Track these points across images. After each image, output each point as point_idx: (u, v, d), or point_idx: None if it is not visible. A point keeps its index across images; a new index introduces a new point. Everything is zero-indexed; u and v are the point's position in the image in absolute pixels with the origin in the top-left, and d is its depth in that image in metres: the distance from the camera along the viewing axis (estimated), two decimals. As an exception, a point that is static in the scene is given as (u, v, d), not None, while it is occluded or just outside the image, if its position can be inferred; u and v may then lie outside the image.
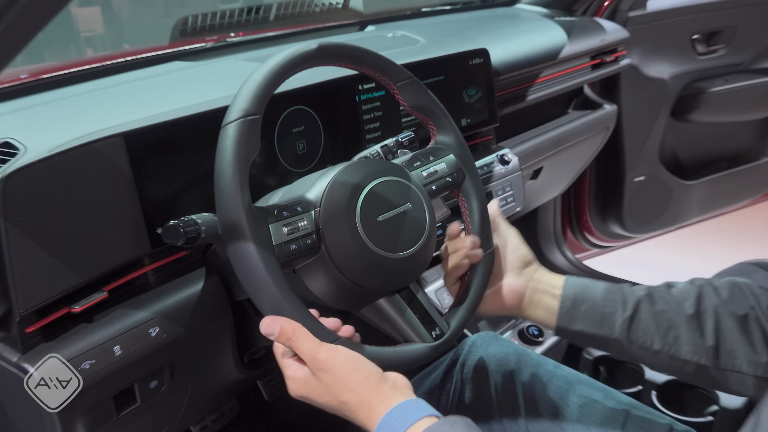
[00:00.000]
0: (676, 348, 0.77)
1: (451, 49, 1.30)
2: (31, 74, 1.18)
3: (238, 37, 1.43)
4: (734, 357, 0.75)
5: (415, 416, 0.64)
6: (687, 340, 0.76)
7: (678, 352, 0.77)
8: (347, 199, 0.76)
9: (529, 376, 0.94)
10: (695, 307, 0.77)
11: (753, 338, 0.74)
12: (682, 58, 2.13)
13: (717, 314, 0.76)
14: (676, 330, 0.77)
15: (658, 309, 0.78)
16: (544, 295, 0.85)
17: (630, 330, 0.79)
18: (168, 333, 0.83)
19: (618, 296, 0.81)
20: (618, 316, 0.79)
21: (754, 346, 0.74)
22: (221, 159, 0.70)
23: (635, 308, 0.79)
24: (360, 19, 1.64)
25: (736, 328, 0.75)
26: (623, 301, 0.80)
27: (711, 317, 0.76)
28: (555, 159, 1.67)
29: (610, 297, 0.81)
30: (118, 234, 0.80)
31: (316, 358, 0.68)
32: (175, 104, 0.93)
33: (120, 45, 7.15)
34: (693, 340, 0.76)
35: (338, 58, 0.83)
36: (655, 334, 0.78)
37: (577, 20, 1.77)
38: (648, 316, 0.78)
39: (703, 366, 0.76)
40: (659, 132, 2.19)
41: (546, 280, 0.86)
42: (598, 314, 0.80)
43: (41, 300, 0.73)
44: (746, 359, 0.74)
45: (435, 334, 0.81)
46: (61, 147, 0.78)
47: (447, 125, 0.92)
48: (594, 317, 0.81)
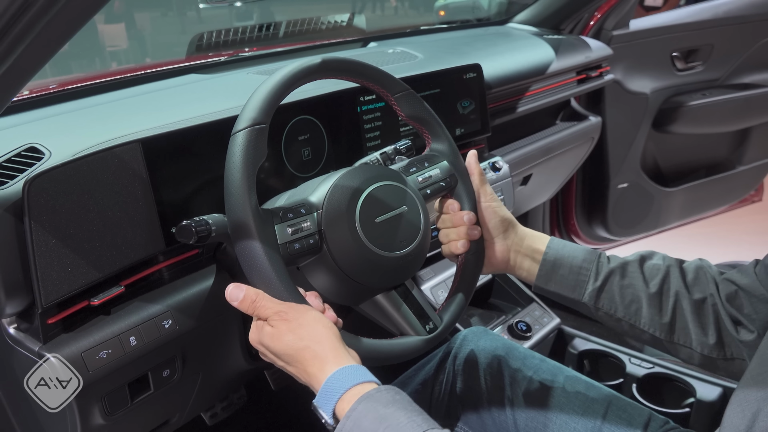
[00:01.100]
0: (636, 319, 0.80)
1: (446, 64, 1.30)
2: (59, 84, 1.19)
3: (250, 52, 1.44)
4: (686, 335, 0.78)
5: (358, 379, 0.63)
6: (646, 314, 0.80)
7: (637, 322, 0.80)
8: (347, 202, 0.76)
9: (516, 368, 0.94)
10: (659, 286, 0.79)
11: (705, 321, 0.78)
12: (663, 74, 2.13)
13: (677, 295, 0.79)
14: (638, 303, 0.80)
15: (626, 283, 0.81)
16: (525, 259, 0.87)
17: (598, 298, 0.82)
18: (180, 325, 0.83)
19: (593, 266, 0.83)
20: (589, 284, 0.82)
21: (704, 329, 0.78)
22: (231, 164, 0.70)
23: (605, 279, 0.82)
24: (363, 36, 1.65)
25: (692, 311, 0.78)
26: (596, 271, 0.82)
27: (671, 297, 0.79)
28: (543, 166, 1.67)
29: (585, 266, 0.83)
30: (135, 233, 0.80)
31: (282, 310, 0.68)
32: (189, 113, 0.93)
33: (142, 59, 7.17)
34: (652, 315, 0.79)
35: (340, 71, 0.84)
36: (620, 304, 0.81)
37: (564, 38, 1.77)
38: (615, 288, 0.81)
39: (657, 338, 0.80)
40: (641, 142, 2.20)
41: (527, 244, 0.87)
42: (573, 280, 0.83)
43: (62, 293, 0.73)
44: (696, 338, 0.78)
45: (429, 327, 0.82)
46: (83, 152, 0.78)
47: (441, 134, 0.92)
48: (568, 282, 0.83)
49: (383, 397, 0.61)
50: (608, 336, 1.33)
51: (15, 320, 0.76)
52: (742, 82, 2.24)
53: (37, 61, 0.58)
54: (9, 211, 0.72)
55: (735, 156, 2.43)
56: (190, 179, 0.87)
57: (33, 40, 0.54)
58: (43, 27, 0.52)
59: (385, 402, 0.61)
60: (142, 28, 7.56)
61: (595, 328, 1.64)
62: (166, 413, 0.94)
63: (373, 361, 0.74)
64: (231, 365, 0.97)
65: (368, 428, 0.59)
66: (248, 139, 0.71)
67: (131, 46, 6.84)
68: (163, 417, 0.94)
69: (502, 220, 0.87)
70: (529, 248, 0.86)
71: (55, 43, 0.57)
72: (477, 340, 1.00)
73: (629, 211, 2.27)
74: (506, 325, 1.29)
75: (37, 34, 0.53)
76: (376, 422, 0.59)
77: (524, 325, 1.29)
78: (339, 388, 0.63)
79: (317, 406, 0.64)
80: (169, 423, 0.96)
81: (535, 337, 1.28)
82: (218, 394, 1.13)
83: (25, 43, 0.54)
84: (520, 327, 1.28)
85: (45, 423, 0.81)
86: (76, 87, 1.16)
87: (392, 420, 0.59)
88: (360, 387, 0.63)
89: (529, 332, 1.28)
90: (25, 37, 0.53)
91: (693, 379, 1.15)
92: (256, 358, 1.00)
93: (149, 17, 7.90)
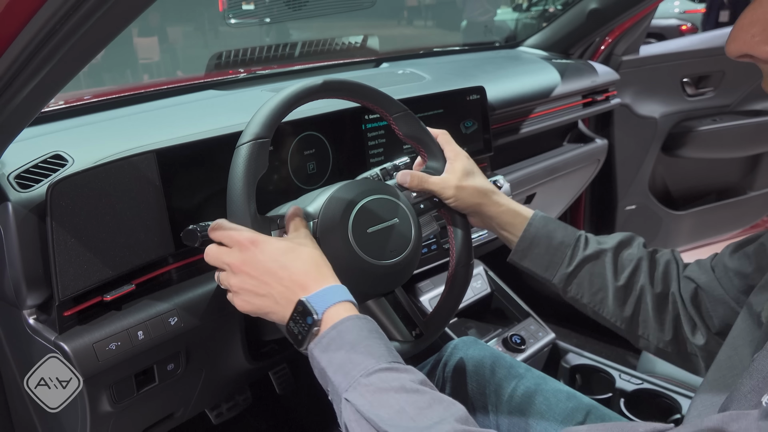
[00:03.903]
0: (601, 307, 0.84)
1: (452, 86, 1.35)
2: (92, 95, 1.27)
3: (266, 70, 1.51)
4: (645, 327, 0.82)
5: (339, 297, 0.67)
6: (611, 304, 0.83)
7: (601, 310, 0.85)
8: (341, 213, 0.81)
9: (501, 377, 0.98)
10: (627, 279, 0.83)
11: (664, 318, 0.81)
12: (673, 99, 2.16)
13: (642, 290, 0.82)
14: (604, 293, 0.84)
15: (597, 271, 0.84)
16: (503, 232, 0.90)
17: (567, 281, 0.85)
18: (185, 322, 0.89)
19: (569, 250, 0.85)
20: (562, 267, 0.85)
21: (663, 325, 0.81)
22: (233, 174, 0.76)
23: (578, 266, 0.85)
24: (376, 57, 1.71)
25: (654, 306, 0.82)
26: (571, 255, 0.85)
27: (636, 291, 0.82)
28: (548, 186, 1.71)
29: (561, 249, 0.85)
30: (147, 236, 0.86)
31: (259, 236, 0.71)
32: (203, 127, 1.00)
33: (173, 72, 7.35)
34: (615, 306, 0.83)
35: (341, 92, 0.89)
36: (587, 291, 0.85)
37: (572, 63, 1.82)
38: (586, 275, 0.85)
39: (618, 326, 0.84)
40: (650, 165, 2.22)
41: (505, 219, 0.89)
42: (547, 260, 0.86)
43: (78, 288, 0.79)
44: (654, 333, 0.82)
45: (415, 333, 0.86)
46: (103, 160, 0.85)
47: (437, 153, 0.97)
48: (542, 262, 0.87)
49: (369, 324, 0.66)
50: (601, 352, 1.36)
51: (34, 311, 0.83)
52: (753, 108, 2.26)
53: (62, 78, 0.65)
54: (33, 212, 0.79)
55: (746, 181, 2.44)
56: (200, 188, 0.93)
57: (60, 59, 0.60)
58: (69, 47, 0.59)
59: (369, 329, 0.65)
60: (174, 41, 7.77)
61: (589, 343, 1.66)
62: (171, 406, 1.00)
63: None
64: (233, 363, 1.02)
65: (351, 340, 0.63)
66: (250, 151, 0.77)
67: (163, 59, 7.03)
68: (168, 410, 1.00)
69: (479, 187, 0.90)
70: (508, 224, 0.89)
71: (80, 62, 0.64)
72: (466, 349, 1.04)
73: (637, 233, 2.29)
74: (501, 338, 1.33)
75: (64, 54, 0.60)
76: (360, 337, 0.63)
77: (519, 338, 1.32)
78: (335, 296, 0.67)
79: (308, 301, 0.66)
80: (173, 416, 1.02)
81: (529, 351, 1.32)
82: (222, 392, 1.19)
83: (53, 62, 0.61)
84: (515, 340, 1.31)
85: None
86: (102, 100, 1.24)
87: (372, 343, 0.63)
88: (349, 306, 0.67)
89: (523, 345, 1.32)
90: (54, 57, 0.60)
91: (681, 397, 1.18)
92: (257, 358, 1.06)
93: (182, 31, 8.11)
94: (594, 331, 1.94)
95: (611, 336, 1.94)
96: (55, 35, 0.57)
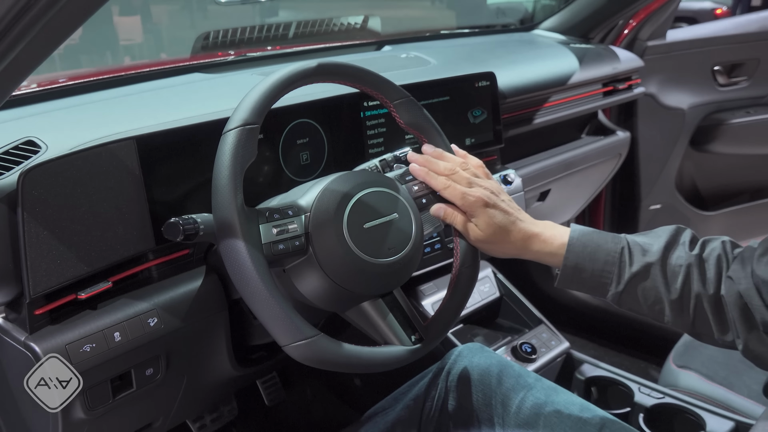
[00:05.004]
0: (660, 316, 0.88)
1: (460, 71, 1.36)
2: (68, 78, 1.28)
3: (257, 53, 1.52)
4: (707, 328, 0.85)
5: None
6: (669, 313, 0.86)
7: (660, 318, 0.88)
8: (336, 206, 0.83)
9: (508, 387, 0.99)
10: (680, 291, 0.85)
11: (723, 318, 0.84)
12: (702, 89, 2.16)
13: (698, 298, 0.85)
14: (661, 305, 0.87)
15: (648, 286, 0.87)
16: (545, 257, 0.92)
17: (620, 299, 0.88)
18: (165, 324, 0.90)
19: (615, 268, 0.88)
20: (611, 287, 0.88)
21: (722, 325, 0.84)
22: (219, 163, 0.77)
23: (628, 283, 0.87)
24: (377, 39, 1.72)
25: (712, 311, 0.84)
26: (619, 274, 0.87)
27: (692, 300, 0.85)
28: (564, 182, 1.72)
29: (608, 268, 0.88)
30: (126, 229, 0.87)
31: None
32: (188, 113, 1.01)
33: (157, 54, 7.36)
34: (674, 315, 0.86)
35: (338, 76, 0.90)
36: (643, 304, 0.88)
37: (592, 48, 1.83)
38: (638, 291, 0.87)
39: (684, 331, 0.89)
40: (677, 161, 2.22)
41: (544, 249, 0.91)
42: (595, 282, 0.89)
43: (50, 285, 0.80)
44: (719, 335, 0.85)
45: (414, 338, 0.87)
46: (79, 147, 0.86)
47: (440, 142, 0.98)
48: (590, 284, 0.89)
49: None
50: (621, 364, 1.37)
51: (3, 310, 0.84)
52: (792, 100, 2.26)
53: (35, 59, 0.66)
54: (4, 201, 0.80)
55: (784, 180, 2.44)
56: (184, 179, 0.94)
57: (32, 39, 0.61)
58: (42, 27, 0.60)
59: None
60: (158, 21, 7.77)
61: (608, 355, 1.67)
62: (149, 416, 1.01)
63: (352, 368, 0.80)
64: (217, 370, 1.04)
65: None
66: (238, 138, 0.78)
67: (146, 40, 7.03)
68: (146, 419, 1.01)
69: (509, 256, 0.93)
70: (547, 254, 0.91)
71: (53, 42, 0.65)
72: (471, 356, 1.05)
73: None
74: (510, 347, 1.34)
75: (36, 34, 0.61)
76: None
77: (529, 347, 1.33)
78: None
79: None
80: (152, 426, 1.03)
81: (541, 361, 1.33)
82: (205, 401, 1.20)
83: (25, 42, 0.62)
84: (525, 349, 1.32)
85: (27, 414, 0.89)
86: (79, 83, 1.25)
87: None
88: None
89: (534, 354, 1.32)
90: (25, 37, 0.61)
91: (704, 412, 1.18)
92: (243, 364, 1.07)
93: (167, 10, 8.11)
94: (613, 341, 1.94)
95: (632, 346, 1.96)
96: (29, 11, 0.58)
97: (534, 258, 0.92)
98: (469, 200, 0.90)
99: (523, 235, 0.91)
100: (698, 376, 1.26)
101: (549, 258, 0.91)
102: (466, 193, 0.90)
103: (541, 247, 0.91)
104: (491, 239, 0.91)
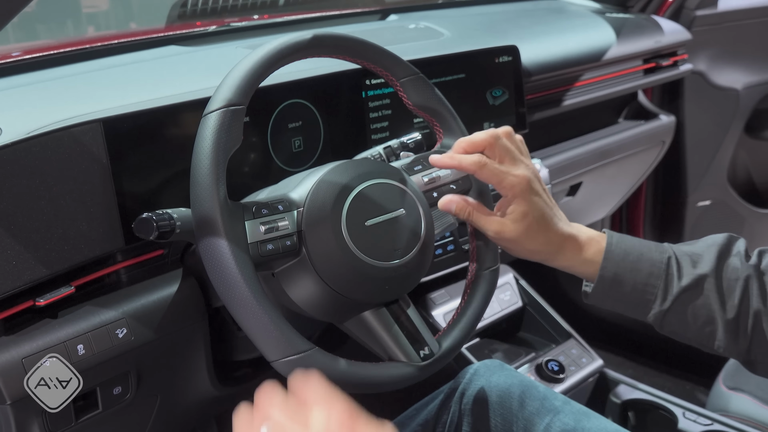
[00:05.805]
0: (709, 341, 0.85)
1: (477, 45, 1.37)
2: (22, 51, 1.28)
3: (242, 22, 1.53)
4: (764, 354, 0.84)
5: None
6: (721, 337, 0.84)
7: (710, 344, 0.86)
8: (333, 200, 0.83)
9: (532, 411, 0.99)
10: (737, 309, 0.84)
11: None
12: (760, 66, 2.16)
13: (756, 316, 0.83)
14: (712, 326, 0.85)
15: (699, 303, 0.85)
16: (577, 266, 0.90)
17: (664, 319, 0.86)
18: (136, 336, 0.90)
19: (661, 281, 0.86)
20: (656, 305, 0.86)
21: None
22: (199, 149, 0.78)
23: (675, 300, 0.85)
24: (382, 7, 1.72)
25: None
26: (665, 288, 0.86)
27: (750, 318, 0.83)
28: (598, 174, 1.72)
29: (652, 281, 0.86)
30: (91, 226, 0.88)
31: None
32: (164, 91, 1.01)
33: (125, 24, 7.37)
34: (727, 340, 0.84)
35: (335, 49, 0.91)
36: (692, 324, 0.85)
37: (631, 18, 1.83)
38: (687, 310, 0.85)
39: (735, 359, 0.87)
40: (729, 150, 2.22)
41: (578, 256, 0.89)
42: (636, 299, 0.87)
43: (4, 290, 0.80)
44: None
45: (423, 354, 0.88)
46: (37, 130, 0.86)
47: (455, 127, 0.98)
48: (630, 301, 0.87)
49: None
50: (663, 385, 1.37)
51: (-50, 318, 0.85)
52: None
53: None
54: (-49, 193, 0.81)
55: None
56: (158, 168, 0.95)
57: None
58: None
59: None
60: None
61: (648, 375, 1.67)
62: (118, 440, 1.02)
63: (352, 387, 0.80)
64: (195, 389, 1.04)
65: None
66: (221, 121, 0.78)
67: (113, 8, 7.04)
68: (114, 444, 1.02)
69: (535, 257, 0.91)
70: (582, 261, 0.89)
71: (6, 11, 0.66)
72: (489, 375, 1.05)
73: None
74: (534, 364, 1.34)
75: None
76: None
77: (556, 365, 1.34)
78: None
79: None
80: (121, 453, 1.04)
81: (569, 381, 1.33)
82: (182, 424, 1.20)
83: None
84: (551, 367, 1.33)
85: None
86: (38, 57, 1.25)
87: None
88: None
89: (562, 374, 1.33)
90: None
91: (759, 442, 1.19)
92: (225, 383, 1.07)
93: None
94: (653, 359, 1.95)
95: (676, 366, 1.96)
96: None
97: (563, 266, 0.90)
98: (510, 181, 0.85)
99: (560, 236, 0.88)
100: (752, 400, 1.27)
101: (582, 267, 0.89)
102: (508, 171, 0.86)
103: (575, 253, 0.88)
104: (524, 234, 0.87)
